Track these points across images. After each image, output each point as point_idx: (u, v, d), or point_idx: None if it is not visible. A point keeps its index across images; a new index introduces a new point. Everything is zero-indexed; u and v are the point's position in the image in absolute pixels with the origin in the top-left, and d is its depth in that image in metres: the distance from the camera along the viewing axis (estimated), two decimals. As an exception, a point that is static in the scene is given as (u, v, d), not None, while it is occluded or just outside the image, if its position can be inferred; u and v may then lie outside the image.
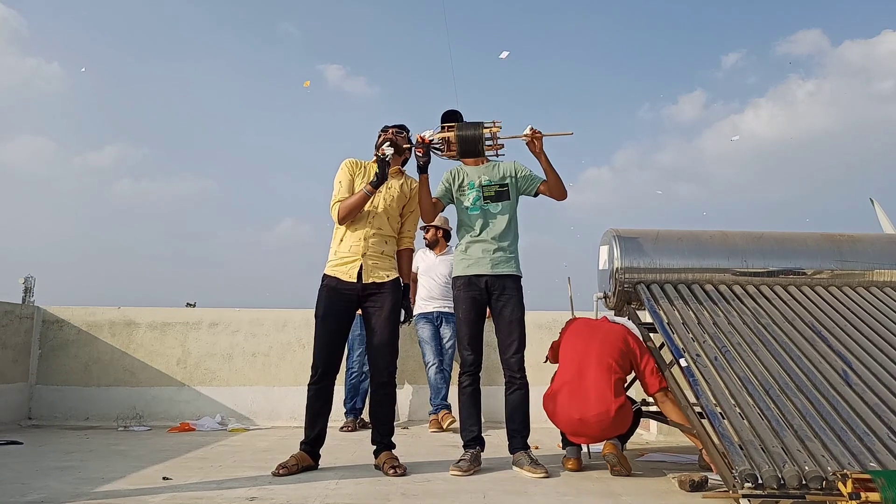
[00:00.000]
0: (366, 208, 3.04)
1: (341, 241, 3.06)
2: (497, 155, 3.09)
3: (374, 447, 3.00)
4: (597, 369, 2.96)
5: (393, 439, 3.03)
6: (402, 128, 3.19)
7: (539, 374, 3.61)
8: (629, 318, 3.52)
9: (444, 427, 4.35)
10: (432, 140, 3.05)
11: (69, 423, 4.56)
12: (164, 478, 2.72)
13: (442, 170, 3.35)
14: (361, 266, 2.98)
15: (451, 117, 3.17)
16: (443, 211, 3.35)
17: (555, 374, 3.15)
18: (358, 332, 4.64)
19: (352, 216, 3.02)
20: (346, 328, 3.04)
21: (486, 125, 3.00)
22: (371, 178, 2.99)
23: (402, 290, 3.10)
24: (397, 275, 3.08)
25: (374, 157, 3.05)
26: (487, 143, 3.02)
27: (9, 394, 4.46)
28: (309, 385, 2.99)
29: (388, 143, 3.02)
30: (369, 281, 2.98)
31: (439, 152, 3.10)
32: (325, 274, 3.04)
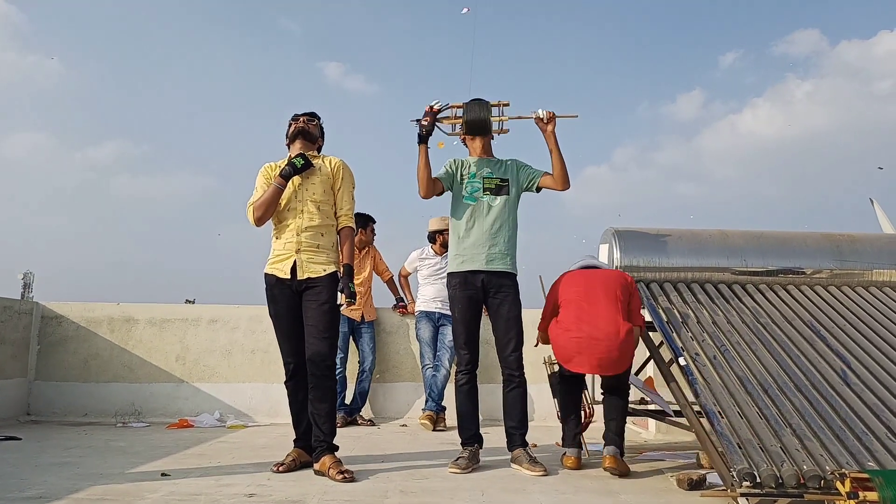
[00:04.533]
0: (292, 203, 2.95)
1: (277, 238, 2.99)
2: (501, 131, 3.22)
3: (316, 450, 2.83)
4: (605, 298, 2.93)
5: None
6: (314, 115, 3.14)
7: (537, 372, 3.60)
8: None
9: (434, 428, 4.30)
10: (441, 110, 3.13)
11: (68, 418, 4.56)
12: (162, 474, 2.72)
13: (444, 160, 3.33)
14: (295, 262, 2.91)
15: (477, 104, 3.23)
16: (441, 194, 3.24)
17: (558, 317, 3.05)
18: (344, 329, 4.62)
19: (268, 214, 2.94)
20: (300, 322, 2.94)
21: (493, 103, 3.16)
22: (283, 170, 2.92)
23: (345, 270, 2.95)
24: (335, 269, 2.96)
25: (288, 158, 3.00)
26: (494, 117, 3.12)
27: (7, 389, 4.46)
28: (285, 383, 2.98)
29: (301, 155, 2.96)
30: (304, 277, 2.90)
31: (446, 129, 3.16)
32: (264, 273, 2.99)
